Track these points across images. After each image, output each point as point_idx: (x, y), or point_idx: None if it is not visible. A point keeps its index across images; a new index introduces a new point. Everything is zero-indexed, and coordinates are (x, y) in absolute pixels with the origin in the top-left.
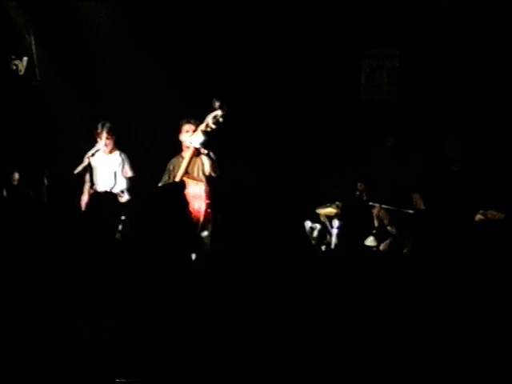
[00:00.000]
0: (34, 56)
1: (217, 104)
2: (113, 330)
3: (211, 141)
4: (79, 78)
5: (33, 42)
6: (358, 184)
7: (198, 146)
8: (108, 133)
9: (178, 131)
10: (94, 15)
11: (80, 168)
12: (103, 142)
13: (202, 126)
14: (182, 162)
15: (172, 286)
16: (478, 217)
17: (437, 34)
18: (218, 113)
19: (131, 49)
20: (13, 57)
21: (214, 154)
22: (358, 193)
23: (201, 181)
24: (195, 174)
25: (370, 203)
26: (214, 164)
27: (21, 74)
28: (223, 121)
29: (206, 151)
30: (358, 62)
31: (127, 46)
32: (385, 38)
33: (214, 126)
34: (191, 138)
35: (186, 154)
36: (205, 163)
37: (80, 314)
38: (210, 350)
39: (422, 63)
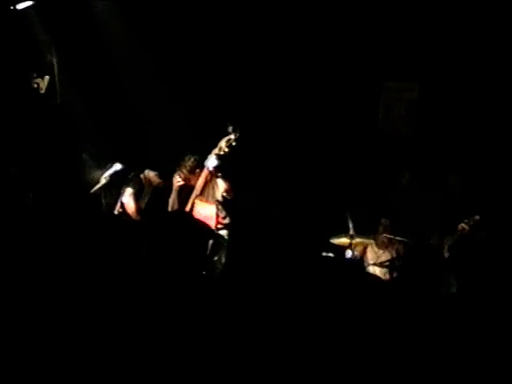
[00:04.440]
0: (56, 75)
1: (230, 128)
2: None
3: (225, 164)
4: (100, 98)
5: (55, 61)
6: (382, 219)
7: (211, 168)
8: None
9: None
10: (116, 36)
11: (97, 187)
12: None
13: (216, 150)
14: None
15: (181, 308)
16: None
17: (456, 67)
18: (232, 136)
19: (152, 70)
20: (34, 75)
21: (229, 179)
22: (381, 228)
23: (212, 203)
24: (207, 197)
25: (388, 236)
26: (228, 186)
27: (42, 92)
28: (236, 144)
29: (219, 174)
30: (377, 95)
31: (149, 68)
32: (403, 70)
33: (227, 150)
34: (206, 161)
35: (201, 177)
36: (219, 186)
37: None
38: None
39: (441, 96)
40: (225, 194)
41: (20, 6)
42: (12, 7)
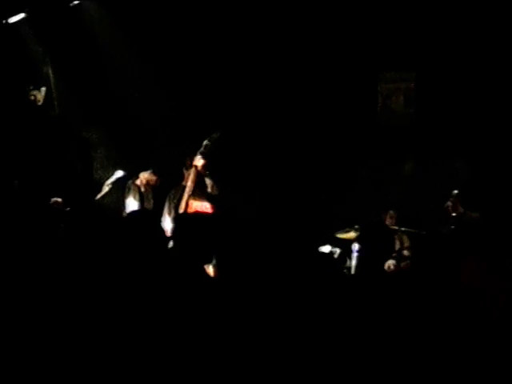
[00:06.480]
0: (52, 86)
1: (212, 127)
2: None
3: (211, 162)
4: (97, 107)
5: (50, 73)
6: (390, 211)
7: (199, 167)
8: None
9: (187, 164)
10: (110, 45)
11: (100, 195)
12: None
13: (201, 149)
14: (185, 187)
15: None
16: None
17: (453, 55)
18: (214, 135)
19: (148, 77)
20: (31, 87)
21: (215, 175)
22: (387, 219)
23: (205, 200)
24: (200, 195)
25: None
26: (214, 184)
27: (39, 104)
28: (220, 142)
29: (207, 172)
30: (375, 86)
31: (144, 74)
32: (401, 60)
33: (211, 148)
34: (194, 161)
35: (190, 178)
36: (207, 184)
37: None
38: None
39: (439, 85)
40: (210, 191)
41: (12, 20)
42: (3, 21)
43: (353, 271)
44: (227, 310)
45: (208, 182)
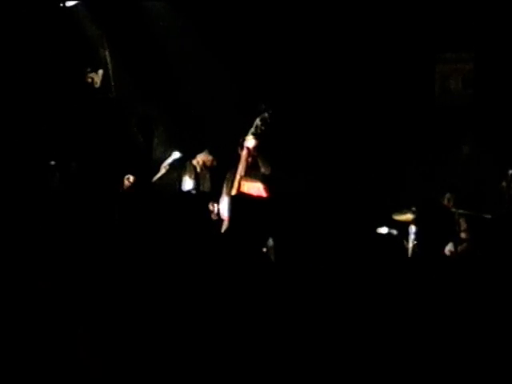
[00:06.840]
0: (110, 69)
1: (263, 106)
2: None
3: (263, 142)
4: (154, 89)
5: (108, 55)
6: (448, 194)
7: (251, 148)
8: None
9: (241, 147)
10: (167, 28)
11: (157, 177)
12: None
13: (252, 129)
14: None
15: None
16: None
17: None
18: (265, 115)
19: (203, 59)
20: (88, 70)
21: (268, 156)
22: (447, 202)
23: (258, 181)
24: (252, 176)
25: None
26: (266, 164)
27: (97, 86)
28: (271, 121)
29: (259, 152)
30: (433, 67)
31: (199, 57)
32: (459, 41)
33: (263, 128)
34: (245, 142)
35: (242, 159)
36: (260, 164)
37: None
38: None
39: (498, 65)
40: (263, 171)
41: (70, 3)
42: (62, 4)
43: (409, 253)
44: (283, 292)
45: (261, 162)
